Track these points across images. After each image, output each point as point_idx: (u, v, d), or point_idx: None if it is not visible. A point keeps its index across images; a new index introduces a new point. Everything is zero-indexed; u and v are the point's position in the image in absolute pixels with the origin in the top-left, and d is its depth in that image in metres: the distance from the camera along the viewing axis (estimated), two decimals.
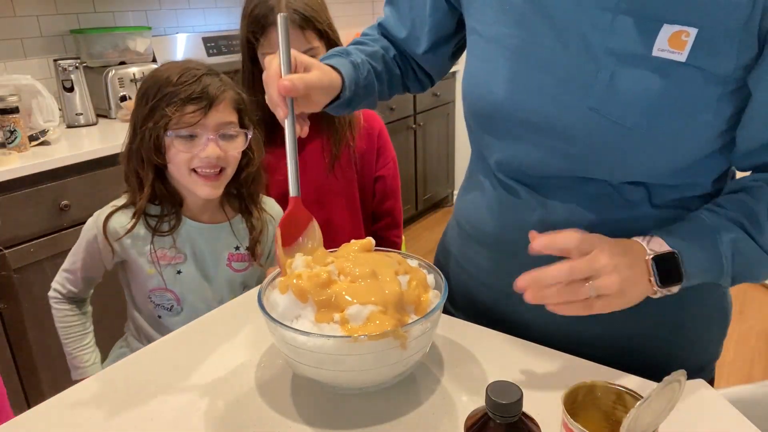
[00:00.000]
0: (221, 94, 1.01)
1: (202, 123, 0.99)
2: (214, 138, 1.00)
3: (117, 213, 1.06)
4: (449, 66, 0.95)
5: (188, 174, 1.02)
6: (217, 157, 1.01)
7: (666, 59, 0.61)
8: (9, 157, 1.71)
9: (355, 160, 1.32)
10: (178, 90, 0.98)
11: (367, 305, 0.64)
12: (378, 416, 0.67)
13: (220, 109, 1.01)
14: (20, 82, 1.94)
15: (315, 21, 1.18)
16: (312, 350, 0.62)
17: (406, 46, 0.91)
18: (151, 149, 1.00)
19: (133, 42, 2.40)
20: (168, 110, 0.97)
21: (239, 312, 0.93)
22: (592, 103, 0.65)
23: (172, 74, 1.00)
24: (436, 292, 0.73)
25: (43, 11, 2.25)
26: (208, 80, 1.00)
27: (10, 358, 1.74)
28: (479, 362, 0.76)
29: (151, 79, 1.02)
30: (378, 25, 0.94)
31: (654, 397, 0.48)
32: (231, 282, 1.11)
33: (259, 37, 1.19)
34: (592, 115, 0.65)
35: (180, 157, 1.00)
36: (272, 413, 0.68)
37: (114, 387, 0.74)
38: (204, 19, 2.87)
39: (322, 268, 0.68)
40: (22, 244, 1.70)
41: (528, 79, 0.70)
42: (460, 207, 0.92)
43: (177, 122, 0.98)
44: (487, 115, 0.77)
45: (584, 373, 0.72)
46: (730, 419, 0.64)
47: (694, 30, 0.60)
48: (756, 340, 2.42)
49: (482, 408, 0.51)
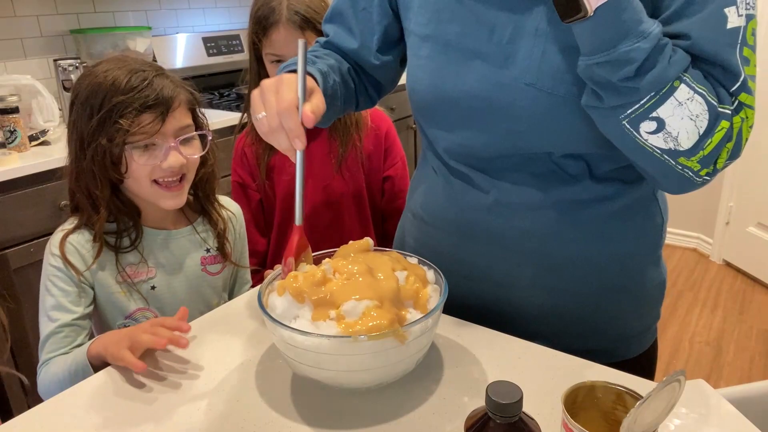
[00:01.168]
0: (176, 96, 0.93)
1: (161, 131, 0.92)
2: (175, 146, 0.93)
3: (70, 238, 0.94)
4: (400, 73, 0.97)
5: (149, 186, 0.94)
6: (180, 165, 0.94)
7: None
8: (9, 157, 1.71)
9: (363, 160, 1.33)
10: (131, 98, 0.89)
11: (362, 300, 0.64)
12: (378, 416, 0.67)
13: (177, 114, 0.93)
14: (20, 82, 1.94)
15: (315, 22, 1.19)
16: (311, 350, 0.63)
17: (358, 57, 0.91)
18: (105, 166, 0.91)
19: (133, 42, 2.40)
20: (123, 122, 0.88)
21: (239, 312, 0.93)
22: (528, 79, 0.72)
23: (117, 79, 0.89)
24: (435, 286, 0.73)
25: (43, 11, 2.25)
26: (159, 82, 0.92)
27: (10, 358, 1.74)
28: (479, 362, 0.76)
29: (92, 86, 0.91)
30: (325, 43, 0.93)
31: (654, 397, 0.48)
32: (211, 287, 1.06)
33: (262, 37, 1.20)
34: (529, 90, 0.72)
35: (141, 171, 0.92)
36: (272, 413, 0.68)
37: (114, 387, 0.74)
38: (204, 19, 2.87)
39: (317, 268, 0.69)
40: (22, 244, 1.70)
41: (466, 68, 0.77)
42: (414, 198, 0.95)
43: (133, 134, 0.90)
44: (432, 108, 0.83)
45: (584, 373, 0.72)
46: (730, 419, 0.64)
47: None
48: (756, 340, 2.42)
49: (482, 408, 0.51)
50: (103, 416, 0.69)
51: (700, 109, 0.64)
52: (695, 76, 0.65)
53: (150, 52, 2.48)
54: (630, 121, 0.66)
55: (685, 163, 0.67)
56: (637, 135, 0.66)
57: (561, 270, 0.81)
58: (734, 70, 0.65)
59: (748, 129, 0.68)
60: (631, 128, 0.66)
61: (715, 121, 0.65)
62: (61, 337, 0.90)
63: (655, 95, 0.64)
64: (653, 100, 0.64)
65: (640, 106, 0.65)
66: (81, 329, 0.93)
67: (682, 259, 3.13)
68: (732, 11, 0.64)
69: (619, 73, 0.63)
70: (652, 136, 0.66)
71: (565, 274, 0.82)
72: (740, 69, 0.65)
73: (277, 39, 1.18)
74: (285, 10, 1.16)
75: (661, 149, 0.66)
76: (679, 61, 0.64)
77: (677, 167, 0.67)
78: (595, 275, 0.82)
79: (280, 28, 1.17)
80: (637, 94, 0.64)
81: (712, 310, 2.64)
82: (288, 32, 1.17)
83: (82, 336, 0.93)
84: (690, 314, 2.60)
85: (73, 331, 0.92)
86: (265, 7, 1.18)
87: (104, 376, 0.77)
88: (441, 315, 0.75)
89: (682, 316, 2.57)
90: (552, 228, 0.80)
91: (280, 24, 1.16)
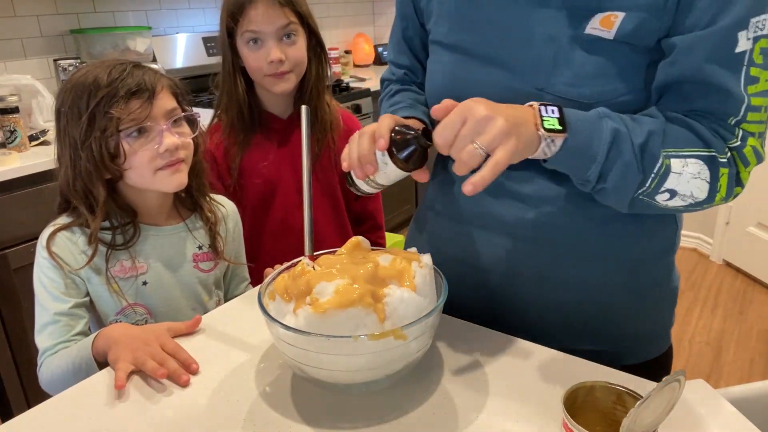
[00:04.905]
0: (158, 81, 0.94)
1: (151, 115, 0.92)
2: (168, 127, 0.93)
3: (60, 235, 0.94)
4: None
5: (152, 174, 0.94)
6: (176, 147, 0.94)
7: (597, 36, 0.72)
8: (9, 157, 1.71)
9: (336, 161, 1.32)
10: (115, 88, 0.89)
11: (333, 281, 0.64)
12: (378, 416, 0.67)
13: (162, 97, 0.94)
14: (20, 82, 1.94)
15: (295, 4, 1.19)
16: (311, 349, 0.63)
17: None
18: (102, 162, 0.91)
19: (133, 42, 2.40)
20: (114, 111, 0.89)
21: (239, 312, 0.93)
22: (539, 84, 0.75)
23: (98, 76, 0.90)
24: (425, 263, 0.71)
25: (43, 11, 2.25)
26: (139, 71, 0.93)
27: (10, 358, 1.74)
28: (479, 362, 0.76)
29: (75, 89, 0.91)
30: (401, 79, 1.00)
31: (654, 397, 0.48)
32: (203, 284, 1.05)
33: (238, 17, 1.17)
34: (540, 95, 0.75)
35: (141, 158, 0.92)
36: (272, 413, 0.68)
37: (113, 387, 0.74)
38: (204, 19, 2.87)
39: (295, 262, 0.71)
40: (22, 244, 1.70)
41: (484, 75, 0.80)
42: (428, 193, 0.98)
43: (125, 122, 0.90)
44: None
45: (584, 373, 0.72)
46: (730, 419, 0.64)
47: (622, 14, 0.70)
48: (756, 340, 2.42)
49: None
50: (102, 416, 0.69)
51: (699, 167, 0.70)
52: (679, 136, 0.70)
53: (150, 52, 2.48)
54: (644, 197, 0.71)
55: (710, 204, 0.73)
56: (656, 203, 0.72)
57: (569, 264, 0.82)
58: (737, 96, 0.68)
59: (753, 152, 0.71)
60: (648, 200, 0.71)
61: (717, 170, 0.70)
62: (59, 327, 0.90)
63: (655, 177, 0.69)
64: (654, 182, 0.69)
65: (645, 188, 0.70)
66: (79, 318, 0.93)
67: (682, 258, 3.13)
68: (743, 35, 0.66)
69: (589, 188, 0.72)
70: (670, 201, 0.72)
71: (573, 268, 0.82)
72: (743, 94, 0.68)
73: (255, 15, 1.15)
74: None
75: (683, 206, 0.72)
76: (651, 142, 0.68)
77: (705, 207, 0.73)
78: (604, 272, 0.82)
79: (257, 3, 1.15)
80: (624, 190, 0.70)
81: (712, 310, 2.64)
82: (266, 6, 1.15)
83: (81, 324, 0.92)
84: (690, 314, 2.60)
85: (72, 320, 0.91)
86: None
87: (104, 376, 0.77)
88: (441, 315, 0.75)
89: (682, 316, 2.57)
90: (563, 220, 0.80)
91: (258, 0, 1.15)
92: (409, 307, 0.65)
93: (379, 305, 0.64)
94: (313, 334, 0.62)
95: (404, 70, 1.00)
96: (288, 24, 1.18)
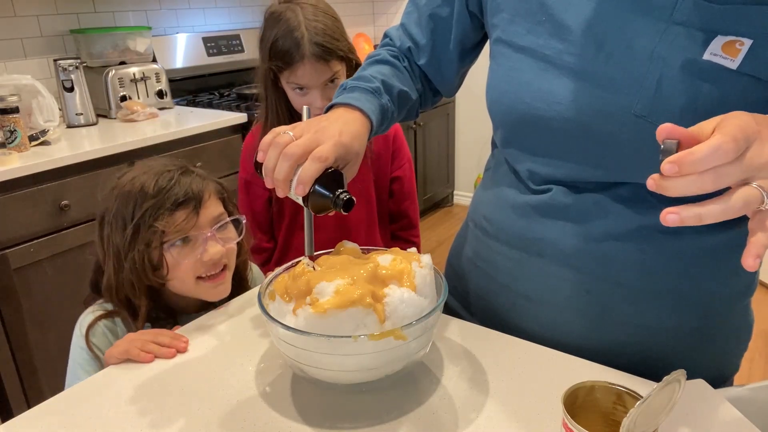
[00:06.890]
0: (205, 189, 0.93)
1: (197, 224, 0.91)
2: (212, 234, 0.92)
3: (99, 324, 0.93)
4: (460, 83, 0.94)
5: (194, 283, 0.93)
6: (220, 255, 0.93)
7: (717, 64, 0.61)
8: (9, 157, 1.71)
9: (371, 161, 1.33)
10: (161, 200, 0.88)
11: (333, 281, 0.64)
12: (378, 416, 0.67)
13: (209, 205, 0.93)
14: (20, 82, 1.94)
15: (338, 50, 1.20)
16: (311, 349, 0.63)
17: (428, 69, 0.89)
18: (145, 273, 0.90)
19: (133, 42, 2.40)
20: (158, 225, 0.87)
21: (239, 313, 0.93)
22: (638, 110, 0.64)
23: (145, 184, 0.89)
24: (425, 263, 0.71)
25: (43, 11, 2.25)
26: (186, 179, 0.92)
27: (10, 358, 1.74)
28: (479, 362, 0.75)
29: (121, 196, 0.90)
30: (399, 53, 0.89)
31: (654, 397, 0.48)
32: None
33: (284, 70, 1.21)
34: (638, 122, 0.64)
35: (183, 267, 0.91)
36: (272, 413, 0.68)
37: (114, 388, 0.74)
38: (204, 19, 2.87)
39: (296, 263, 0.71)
40: (22, 244, 1.70)
41: (564, 88, 0.69)
42: (479, 209, 0.88)
43: (170, 234, 0.89)
44: (516, 126, 0.76)
45: (584, 373, 0.71)
46: (730, 419, 0.64)
47: (749, 41, 0.59)
48: (756, 340, 2.42)
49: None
50: (102, 416, 0.69)
51: None
52: None
53: (150, 52, 2.48)
54: None
55: None
56: None
57: (635, 303, 0.73)
58: None
59: None
60: None
61: None
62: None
63: None
64: None
65: None
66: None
67: None
68: None
69: None
70: None
71: (638, 307, 0.73)
72: None
73: (303, 73, 1.19)
74: (307, 44, 1.17)
75: None
76: None
77: None
78: (673, 312, 0.73)
79: (305, 63, 1.18)
80: None
81: None
82: (313, 65, 1.19)
83: None
84: None
85: None
86: (285, 41, 1.18)
87: (104, 376, 0.78)
88: (441, 315, 0.75)
89: None
90: (632, 256, 0.71)
91: (305, 59, 1.17)
92: (409, 308, 0.65)
93: (379, 305, 0.63)
94: (313, 334, 0.62)
95: (411, 44, 0.88)
96: (332, 76, 1.22)
